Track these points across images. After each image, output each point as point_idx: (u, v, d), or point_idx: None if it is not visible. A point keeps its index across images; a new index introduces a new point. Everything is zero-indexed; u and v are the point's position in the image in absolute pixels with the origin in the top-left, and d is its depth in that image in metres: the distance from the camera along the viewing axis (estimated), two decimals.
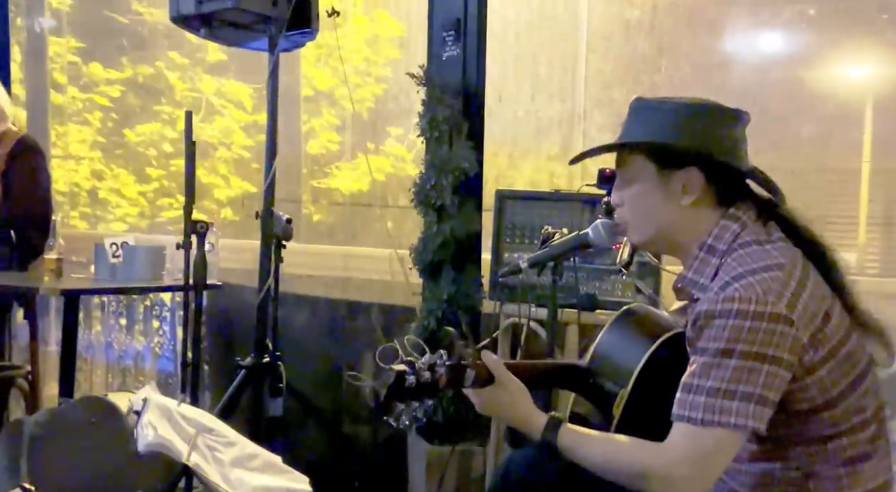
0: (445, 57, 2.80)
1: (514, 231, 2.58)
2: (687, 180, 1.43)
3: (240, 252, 3.57)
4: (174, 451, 1.69)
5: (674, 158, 1.43)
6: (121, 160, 5.97)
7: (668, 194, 1.44)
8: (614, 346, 1.61)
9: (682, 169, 1.43)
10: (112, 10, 5.79)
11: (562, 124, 3.23)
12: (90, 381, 4.04)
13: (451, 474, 2.60)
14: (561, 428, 1.43)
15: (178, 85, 5.93)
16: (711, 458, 1.32)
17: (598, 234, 1.77)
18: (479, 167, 2.74)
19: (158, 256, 3.18)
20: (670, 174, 1.43)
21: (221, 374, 3.50)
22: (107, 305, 4.08)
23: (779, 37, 3.07)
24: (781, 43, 3.08)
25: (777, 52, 3.07)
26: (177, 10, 2.66)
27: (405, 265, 2.76)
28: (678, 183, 1.43)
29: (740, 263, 1.37)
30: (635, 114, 1.49)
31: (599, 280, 2.47)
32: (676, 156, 1.43)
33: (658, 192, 1.45)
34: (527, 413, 1.47)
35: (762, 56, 3.06)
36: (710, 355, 1.32)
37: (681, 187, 1.43)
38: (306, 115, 5.55)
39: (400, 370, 1.30)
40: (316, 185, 5.46)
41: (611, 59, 3.18)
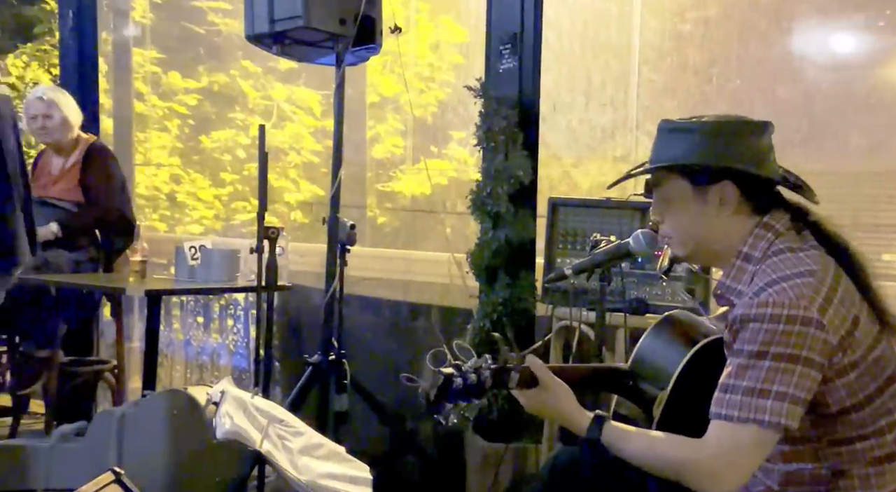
0: (502, 69, 2.90)
1: (566, 237, 2.66)
2: (722, 194, 1.51)
3: (308, 255, 3.74)
4: (248, 439, 1.85)
5: (707, 174, 1.51)
6: (197, 165, 6.25)
7: (705, 209, 1.52)
8: (655, 350, 1.70)
9: (716, 183, 1.51)
10: (190, 22, 6.06)
11: (615, 133, 3.30)
12: (170, 375, 4.27)
13: (505, 470, 2.70)
14: (605, 425, 1.51)
15: (251, 93, 6.17)
16: (746, 454, 1.39)
17: (639, 243, 1.86)
18: (533, 175, 2.84)
19: (233, 259, 3.37)
20: (705, 190, 1.51)
21: (291, 370, 3.67)
22: (185, 304, 4.31)
23: (829, 47, 3.08)
24: (832, 53, 3.09)
25: (827, 61, 3.07)
26: (252, 29, 2.83)
27: (462, 269, 2.88)
28: (714, 197, 1.51)
29: (774, 270, 1.44)
30: (664, 135, 1.56)
31: (649, 285, 2.55)
32: (709, 172, 1.51)
33: (695, 207, 1.53)
34: (571, 412, 1.55)
35: (812, 66, 3.07)
36: (746, 357, 1.40)
37: (717, 201, 1.51)
38: (372, 120, 5.70)
39: (448, 373, 1.41)
40: (380, 188, 5.61)
41: (662, 70, 3.24)
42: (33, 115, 3.66)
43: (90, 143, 3.79)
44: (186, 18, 6.02)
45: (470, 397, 1.44)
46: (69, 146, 3.74)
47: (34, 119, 3.65)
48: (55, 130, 3.69)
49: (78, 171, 3.69)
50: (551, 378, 1.56)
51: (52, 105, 3.68)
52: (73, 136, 3.75)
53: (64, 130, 3.71)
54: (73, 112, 3.76)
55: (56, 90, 3.82)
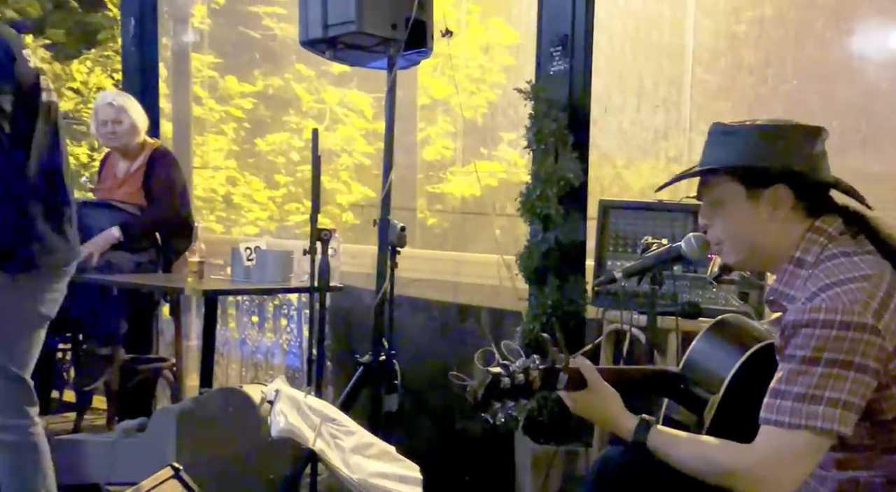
0: (553, 71, 2.90)
1: (616, 240, 2.65)
2: (776, 197, 1.49)
3: (359, 257, 3.79)
4: (302, 437, 1.89)
5: (760, 177, 1.49)
6: (252, 168, 6.38)
7: (757, 213, 1.50)
8: (707, 354, 1.68)
9: (769, 187, 1.49)
10: (246, 27, 6.19)
11: (667, 135, 3.27)
12: (226, 373, 4.37)
13: (555, 472, 2.70)
14: (651, 429, 1.51)
15: (304, 96, 6.27)
16: (797, 461, 1.38)
17: (691, 246, 1.85)
18: (584, 177, 2.83)
19: (287, 260, 3.43)
20: (758, 193, 1.50)
21: (343, 370, 3.72)
22: (241, 304, 4.41)
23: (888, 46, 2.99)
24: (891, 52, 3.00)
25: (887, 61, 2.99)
26: (306, 34, 2.88)
27: (512, 271, 2.89)
28: (767, 201, 1.50)
29: (827, 275, 1.42)
30: (716, 138, 1.55)
31: (702, 289, 2.52)
32: (763, 175, 1.49)
33: (747, 211, 1.51)
34: (618, 416, 1.55)
35: (871, 66, 2.99)
36: (797, 363, 1.38)
37: (770, 205, 1.50)
38: (423, 122, 5.74)
39: (496, 372, 1.42)
40: (430, 190, 5.65)
41: (716, 71, 3.19)
42: (103, 121, 3.74)
43: (155, 147, 3.87)
44: (243, 23, 6.15)
45: (518, 398, 1.45)
46: (135, 150, 3.83)
47: (104, 124, 3.73)
48: (124, 134, 3.76)
49: (142, 175, 3.77)
50: (599, 381, 1.56)
51: (121, 110, 3.76)
52: (139, 140, 3.83)
53: (132, 135, 3.79)
54: (140, 117, 3.84)
55: (124, 95, 3.89)
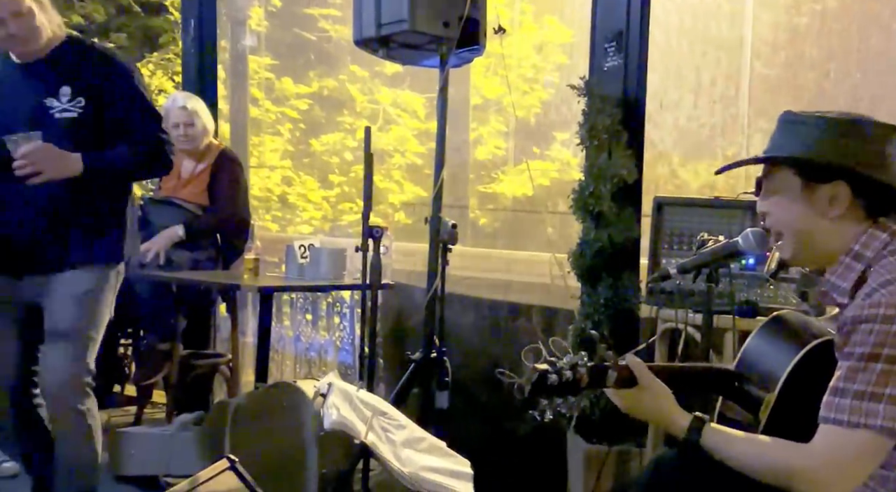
0: (607, 67, 2.86)
1: (671, 238, 2.61)
2: (833, 194, 1.45)
3: (411, 255, 3.81)
4: (354, 430, 1.91)
5: (819, 172, 1.46)
6: (307, 168, 6.47)
7: (812, 207, 1.47)
8: (762, 351, 1.64)
9: (828, 183, 1.45)
10: (302, 29, 6.28)
11: (725, 131, 3.20)
12: (281, 369, 4.44)
13: (608, 473, 2.67)
14: (704, 428, 1.47)
15: (358, 97, 6.34)
16: (856, 460, 1.34)
17: (748, 242, 1.80)
18: (638, 174, 2.79)
19: (340, 258, 3.47)
20: (815, 188, 1.46)
21: (394, 367, 3.74)
22: (295, 301, 4.47)
23: None
24: None
25: None
26: (360, 34, 2.91)
27: (564, 269, 2.86)
28: (824, 196, 1.46)
29: (889, 271, 1.38)
30: (784, 127, 1.52)
31: (760, 287, 2.46)
32: (822, 170, 1.45)
33: (802, 204, 1.47)
34: (670, 414, 1.52)
35: None
36: (857, 360, 1.35)
37: (827, 201, 1.46)
38: (475, 122, 5.75)
39: (543, 369, 1.40)
40: (482, 190, 5.65)
41: (776, 65, 3.11)
42: (175, 123, 3.79)
43: (221, 149, 3.95)
44: (299, 25, 6.24)
45: (565, 395, 1.43)
46: (203, 152, 3.91)
47: (176, 127, 3.79)
48: (196, 137, 3.84)
49: (207, 176, 3.85)
50: (651, 378, 1.53)
51: (193, 114, 3.83)
52: (207, 142, 3.91)
53: (203, 137, 3.87)
54: (209, 119, 3.93)
55: (195, 98, 3.95)
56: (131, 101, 2.44)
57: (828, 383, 1.40)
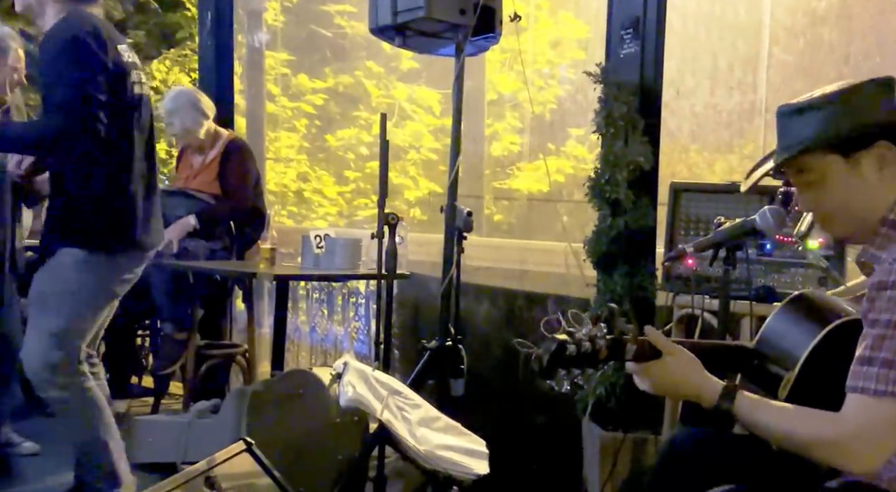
0: (623, 54, 2.85)
1: (688, 224, 2.59)
2: (879, 156, 1.43)
3: (426, 245, 3.81)
4: (369, 407, 1.91)
5: (859, 139, 1.43)
6: (323, 163, 6.49)
7: (862, 178, 1.44)
8: (783, 330, 1.62)
9: (870, 147, 1.43)
10: (318, 25, 6.31)
11: (742, 117, 3.17)
12: (296, 359, 4.46)
13: (623, 460, 2.65)
14: (738, 395, 1.44)
15: (373, 92, 6.35)
16: (886, 429, 1.32)
17: (766, 220, 1.79)
18: (654, 161, 2.77)
19: (356, 248, 3.48)
20: (859, 157, 1.44)
21: (409, 358, 3.75)
22: (311, 293, 4.49)
23: None
24: None
25: None
26: (375, 22, 2.92)
27: (579, 258, 2.85)
28: (870, 162, 1.43)
29: None
30: (791, 119, 1.49)
31: (779, 273, 2.44)
32: (861, 136, 1.43)
33: (853, 179, 1.44)
34: (701, 381, 1.47)
35: None
36: (883, 327, 1.33)
37: (875, 165, 1.43)
38: (490, 118, 5.74)
39: (562, 339, 1.38)
40: (497, 186, 5.64)
41: (795, 50, 3.08)
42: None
43: (230, 139, 3.97)
44: (314, 21, 6.27)
45: (583, 366, 1.42)
46: (208, 142, 3.94)
47: None
48: (176, 135, 3.94)
49: (217, 165, 3.88)
50: (674, 346, 1.49)
51: (168, 115, 3.87)
52: (201, 134, 3.89)
53: (187, 133, 3.88)
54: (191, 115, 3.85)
55: (175, 97, 3.90)
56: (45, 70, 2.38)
57: (849, 363, 1.38)
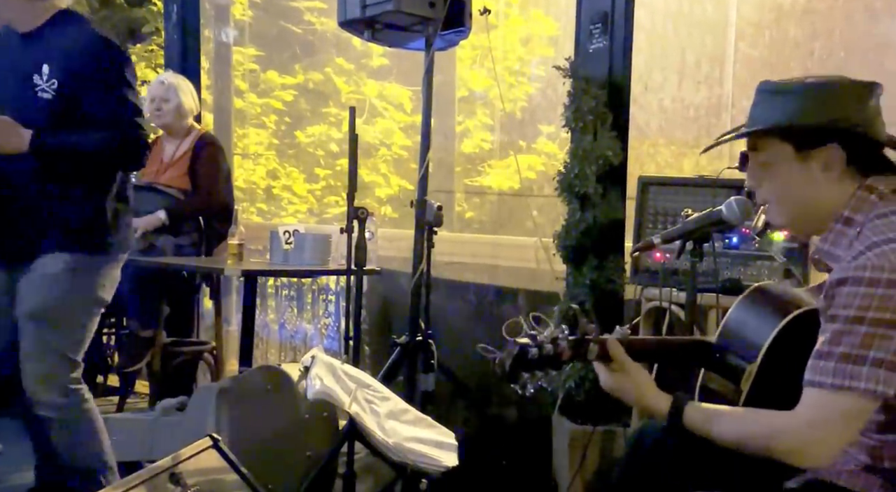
0: (592, 49, 2.86)
1: (656, 217, 2.61)
2: (828, 157, 1.44)
3: (397, 241, 3.80)
4: (337, 400, 1.90)
5: (811, 136, 1.44)
6: (292, 160, 6.45)
7: (808, 173, 1.45)
8: (744, 322, 1.63)
9: (820, 147, 1.44)
10: (287, 21, 6.26)
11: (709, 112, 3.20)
12: (265, 357, 4.42)
13: (592, 453, 2.66)
14: (686, 408, 1.46)
15: (344, 89, 6.32)
16: (841, 423, 1.33)
17: (732, 210, 1.80)
18: (623, 156, 2.79)
19: (325, 243, 3.46)
20: (809, 154, 1.45)
21: (380, 355, 3.72)
22: (280, 290, 4.45)
23: None
24: None
25: None
26: (344, 15, 2.90)
27: (549, 252, 2.85)
28: (818, 161, 1.45)
29: (875, 233, 1.38)
30: (764, 97, 1.51)
31: (745, 266, 2.46)
32: (814, 134, 1.44)
33: (798, 172, 1.46)
34: (649, 396, 1.50)
35: None
36: (842, 322, 1.34)
37: (822, 165, 1.45)
38: (461, 115, 5.75)
39: (523, 343, 1.39)
40: (469, 183, 5.65)
41: (760, 45, 3.12)
42: (151, 98, 3.78)
43: (202, 134, 3.93)
44: (283, 17, 6.22)
45: (546, 368, 1.42)
46: (181, 134, 3.88)
47: (152, 101, 3.78)
48: (168, 113, 3.81)
49: (188, 160, 3.82)
50: (626, 360, 1.50)
51: (170, 89, 3.81)
52: (185, 123, 3.87)
53: (177, 116, 3.84)
54: (189, 100, 3.88)
55: (179, 77, 3.93)
56: (106, 87, 2.33)
57: (809, 352, 1.39)
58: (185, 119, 3.88)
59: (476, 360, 3.32)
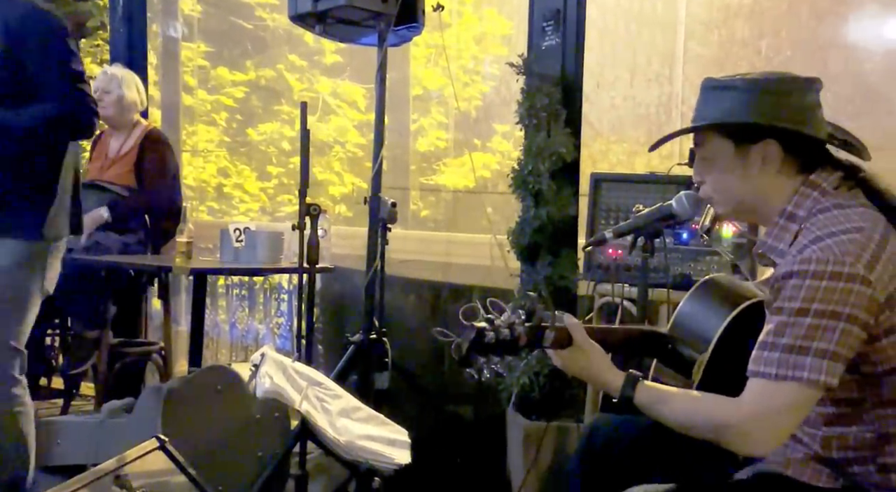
0: (545, 46, 2.87)
1: (608, 213, 2.63)
2: (765, 153, 1.47)
3: (351, 239, 3.77)
4: (287, 398, 1.86)
5: (749, 133, 1.47)
6: (244, 158, 6.35)
7: (747, 169, 1.48)
8: (695, 313, 1.66)
9: (758, 143, 1.47)
10: (238, 16, 6.17)
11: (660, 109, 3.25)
12: (216, 358, 4.34)
13: (546, 448, 2.67)
14: (638, 385, 1.48)
15: (296, 86, 6.25)
16: (784, 412, 1.35)
17: (682, 205, 1.82)
18: (576, 153, 2.81)
19: (277, 241, 3.40)
20: (747, 149, 1.47)
21: (334, 352, 3.69)
22: (231, 289, 4.38)
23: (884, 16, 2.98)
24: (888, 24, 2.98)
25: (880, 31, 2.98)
26: (294, 9, 2.86)
27: (504, 249, 2.86)
28: (756, 156, 1.47)
29: (819, 228, 1.40)
30: (707, 93, 1.53)
31: (695, 261, 2.50)
32: (751, 131, 1.47)
33: (737, 167, 1.49)
34: (605, 373, 1.52)
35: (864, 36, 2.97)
36: (787, 314, 1.36)
37: (760, 160, 1.47)
38: (416, 113, 5.73)
39: (480, 326, 1.38)
40: (424, 181, 5.63)
41: (710, 43, 3.17)
42: (94, 88, 3.68)
43: (148, 129, 3.84)
44: (234, 13, 6.13)
45: (503, 353, 1.42)
46: (126, 130, 3.79)
47: (94, 92, 3.69)
48: (110, 105, 3.70)
49: (133, 156, 3.74)
50: (585, 338, 1.53)
51: (112, 80, 3.71)
52: (130, 118, 3.78)
53: (119, 109, 3.73)
54: (133, 93, 3.78)
55: (124, 70, 3.83)
56: (48, 53, 2.31)
57: None
58: (129, 113, 3.79)
59: (431, 357, 3.33)
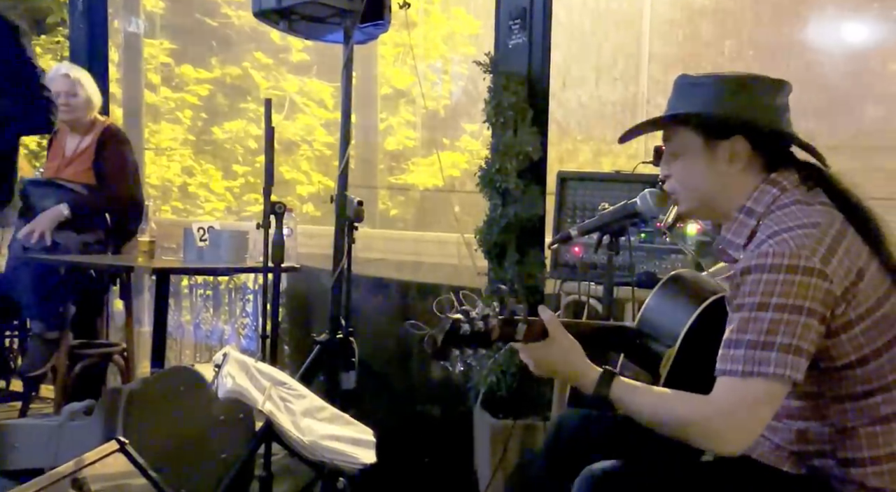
0: (512, 45, 2.87)
1: (574, 211, 2.63)
2: (733, 149, 1.49)
3: (318, 238, 3.73)
4: (250, 399, 1.83)
5: (719, 128, 1.49)
6: (209, 156, 6.28)
7: (714, 164, 1.50)
8: (662, 309, 1.67)
9: (727, 139, 1.48)
10: (202, 14, 6.09)
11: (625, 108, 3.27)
12: (179, 359, 4.28)
13: (513, 447, 2.67)
14: (614, 381, 1.47)
15: (262, 84, 6.19)
16: (754, 409, 1.35)
17: (646, 202, 1.83)
18: (543, 151, 2.81)
19: (242, 240, 3.35)
20: (716, 144, 1.49)
21: (300, 354, 3.66)
22: (195, 289, 4.32)
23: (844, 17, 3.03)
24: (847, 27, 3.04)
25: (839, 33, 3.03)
26: (259, 5, 2.83)
27: (471, 248, 2.85)
28: (724, 152, 1.49)
29: (776, 223, 1.42)
30: (680, 90, 1.55)
31: (659, 259, 2.51)
32: (721, 126, 1.48)
33: (705, 162, 1.51)
34: (580, 368, 1.50)
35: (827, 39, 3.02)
36: (748, 310, 1.37)
37: (727, 156, 1.49)
38: (384, 112, 5.71)
39: (456, 318, 1.37)
40: (392, 180, 5.61)
41: (674, 43, 3.20)
42: (57, 92, 3.58)
43: (106, 126, 3.78)
44: (198, 10, 6.05)
45: (477, 346, 1.41)
46: (85, 127, 3.73)
47: (57, 96, 3.60)
48: (78, 108, 3.66)
49: (92, 153, 3.67)
50: (561, 331, 1.51)
51: (76, 83, 3.66)
52: (91, 116, 3.74)
53: (86, 110, 3.69)
54: (95, 92, 3.75)
55: (78, 69, 3.78)
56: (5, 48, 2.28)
57: None
58: (92, 112, 3.74)
59: (398, 356, 3.31)
